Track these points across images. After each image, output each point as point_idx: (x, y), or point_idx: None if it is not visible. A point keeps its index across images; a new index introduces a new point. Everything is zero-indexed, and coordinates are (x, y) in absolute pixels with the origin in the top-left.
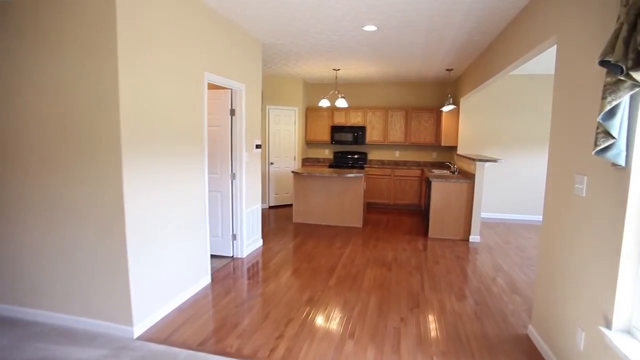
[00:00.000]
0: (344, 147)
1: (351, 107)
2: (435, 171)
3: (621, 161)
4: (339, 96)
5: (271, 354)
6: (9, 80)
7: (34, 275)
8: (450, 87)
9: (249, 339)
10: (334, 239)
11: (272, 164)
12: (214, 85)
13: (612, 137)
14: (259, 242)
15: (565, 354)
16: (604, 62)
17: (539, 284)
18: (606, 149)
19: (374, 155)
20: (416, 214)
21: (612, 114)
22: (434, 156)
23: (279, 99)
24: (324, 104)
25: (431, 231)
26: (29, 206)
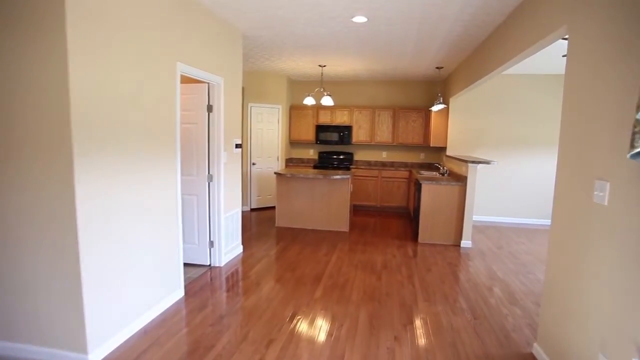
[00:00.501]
0: (330, 147)
1: (337, 105)
2: (424, 173)
3: None
4: (325, 94)
5: None
6: None
7: None
8: (439, 86)
9: None
10: (320, 244)
11: (254, 164)
12: (189, 78)
13: None
14: (238, 249)
15: None
16: None
17: (547, 299)
18: None
19: (360, 155)
20: (404, 217)
21: None
22: (421, 157)
23: (262, 97)
24: (309, 101)
25: (421, 236)
26: None
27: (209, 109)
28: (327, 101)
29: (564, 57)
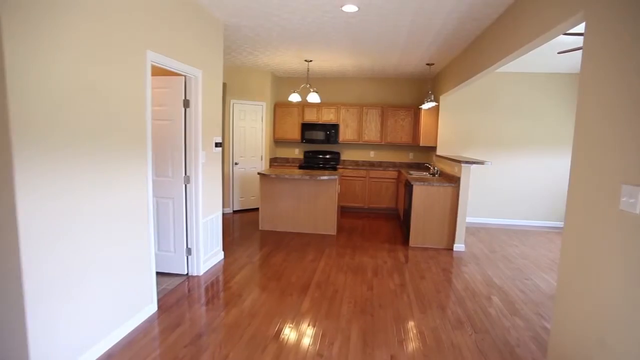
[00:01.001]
0: (316, 146)
1: (324, 103)
2: (413, 173)
3: None
4: (311, 90)
5: None
6: None
7: None
8: (429, 84)
9: None
10: (306, 249)
11: (236, 164)
12: (162, 69)
13: None
14: (219, 256)
15: None
16: None
17: (559, 316)
18: None
19: (347, 155)
20: (392, 219)
21: None
22: (410, 157)
23: (245, 93)
24: (295, 98)
25: (412, 240)
26: None
27: (186, 104)
28: (313, 98)
29: (559, 54)
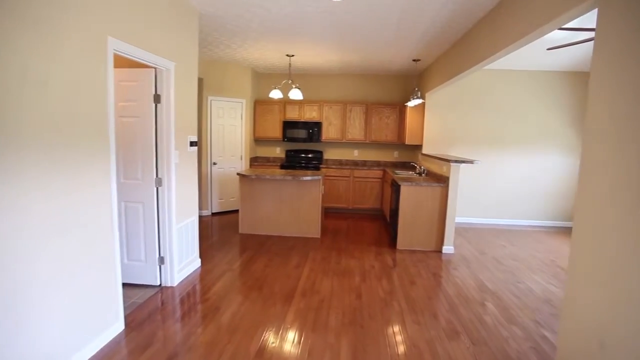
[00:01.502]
0: (298, 145)
1: (306, 100)
2: (399, 172)
3: None
4: (293, 86)
5: None
6: None
7: None
8: (414, 81)
9: None
10: (289, 254)
11: (215, 164)
12: (129, 61)
13: None
14: (195, 263)
15: None
16: None
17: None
18: None
19: (330, 154)
20: (378, 219)
21: None
22: (395, 155)
23: (223, 90)
24: (276, 95)
25: (400, 242)
26: None
27: (157, 99)
28: (295, 94)
29: (549, 50)
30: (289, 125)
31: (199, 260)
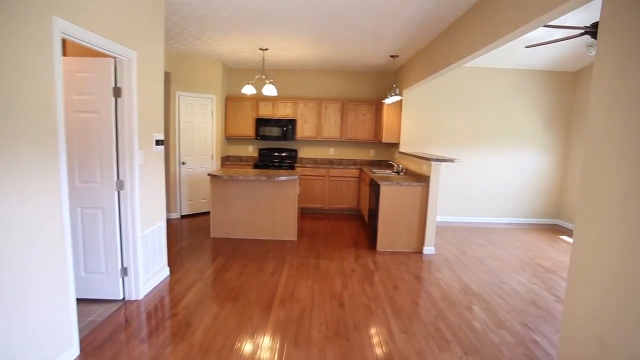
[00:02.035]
0: (271, 143)
1: (280, 97)
2: (377, 171)
3: None
4: (267, 82)
5: None
6: None
7: None
8: (392, 78)
9: None
10: (265, 259)
11: (183, 164)
12: (84, 48)
13: None
14: (163, 273)
15: None
16: None
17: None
18: None
19: (305, 152)
20: (355, 219)
21: None
22: (372, 154)
23: (193, 85)
24: (248, 90)
25: (380, 243)
26: None
27: (117, 92)
28: (269, 90)
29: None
30: (262, 122)
31: (168, 269)
